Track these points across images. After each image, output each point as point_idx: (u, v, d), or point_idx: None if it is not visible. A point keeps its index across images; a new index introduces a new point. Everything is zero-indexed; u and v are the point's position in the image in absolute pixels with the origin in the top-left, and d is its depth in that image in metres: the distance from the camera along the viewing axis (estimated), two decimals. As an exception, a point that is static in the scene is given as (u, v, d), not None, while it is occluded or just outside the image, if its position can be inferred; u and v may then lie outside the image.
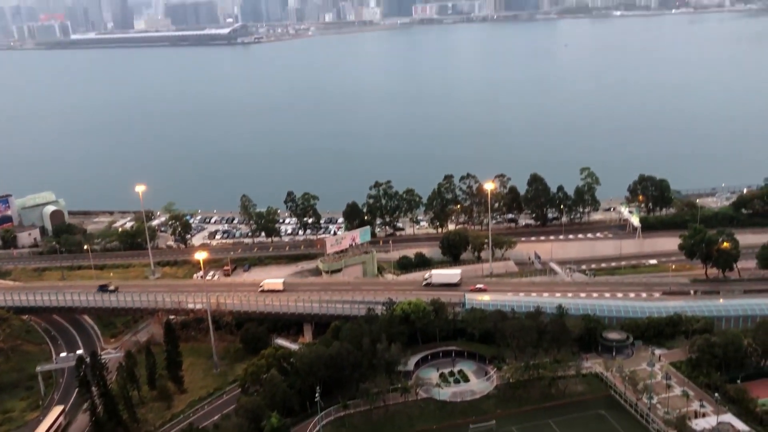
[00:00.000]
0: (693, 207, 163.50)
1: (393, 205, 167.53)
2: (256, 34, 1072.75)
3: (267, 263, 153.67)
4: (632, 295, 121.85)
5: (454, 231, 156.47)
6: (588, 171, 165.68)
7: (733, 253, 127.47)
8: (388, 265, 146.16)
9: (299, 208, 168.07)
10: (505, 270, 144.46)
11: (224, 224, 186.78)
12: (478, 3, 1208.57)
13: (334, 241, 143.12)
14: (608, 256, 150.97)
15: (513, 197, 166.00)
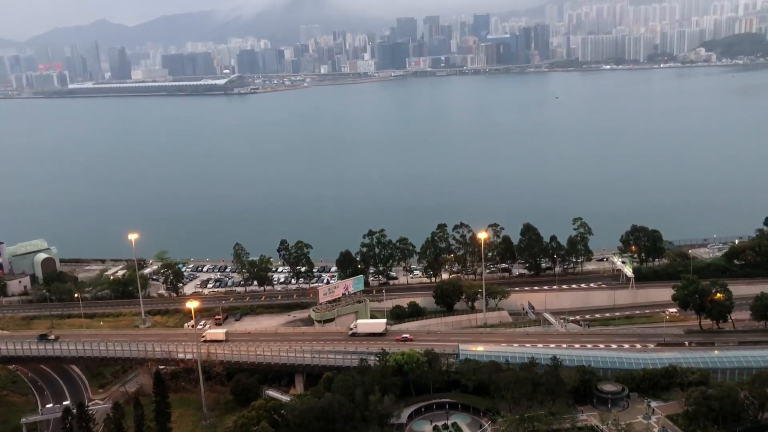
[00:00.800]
0: (685, 258, 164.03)
1: (386, 254, 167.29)
2: (252, 84, 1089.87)
3: (259, 312, 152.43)
4: (627, 346, 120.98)
5: (447, 280, 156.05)
6: (580, 221, 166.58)
7: (726, 304, 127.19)
8: (382, 315, 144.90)
9: (292, 257, 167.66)
10: (499, 320, 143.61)
11: (216, 273, 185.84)
12: (471, 57, 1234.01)
13: (326, 290, 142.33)
14: (602, 306, 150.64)
15: (506, 247, 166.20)
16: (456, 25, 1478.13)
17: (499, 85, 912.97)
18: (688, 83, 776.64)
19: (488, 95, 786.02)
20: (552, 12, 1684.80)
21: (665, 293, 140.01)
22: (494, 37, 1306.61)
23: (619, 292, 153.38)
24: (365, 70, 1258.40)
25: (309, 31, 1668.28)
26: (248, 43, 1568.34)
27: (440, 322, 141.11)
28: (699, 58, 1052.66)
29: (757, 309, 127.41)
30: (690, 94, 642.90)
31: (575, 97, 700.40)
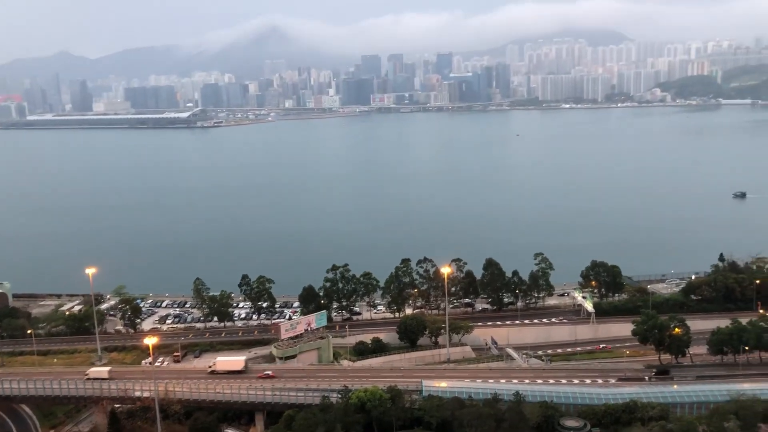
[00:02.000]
0: (644, 293, 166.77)
1: (350, 289, 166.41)
2: (216, 118, 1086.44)
3: (219, 349, 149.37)
4: (588, 382, 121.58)
5: (411, 316, 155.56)
6: (542, 256, 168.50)
7: (684, 338, 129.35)
8: (345, 351, 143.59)
9: (254, 292, 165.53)
10: (462, 356, 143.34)
11: (176, 308, 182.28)
12: (434, 94, 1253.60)
13: (288, 326, 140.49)
14: (564, 341, 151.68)
15: (469, 282, 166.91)
16: (419, 63, 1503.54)
17: (461, 122, 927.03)
18: (645, 122, 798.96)
19: (451, 132, 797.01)
20: (513, 52, 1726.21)
21: (625, 328, 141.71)
22: (457, 75, 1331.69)
23: (581, 327, 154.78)
24: (330, 105, 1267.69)
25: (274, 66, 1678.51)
26: (212, 77, 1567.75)
27: (403, 357, 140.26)
28: (655, 98, 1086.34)
29: (713, 343, 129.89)
30: (646, 134, 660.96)
31: (536, 134, 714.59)
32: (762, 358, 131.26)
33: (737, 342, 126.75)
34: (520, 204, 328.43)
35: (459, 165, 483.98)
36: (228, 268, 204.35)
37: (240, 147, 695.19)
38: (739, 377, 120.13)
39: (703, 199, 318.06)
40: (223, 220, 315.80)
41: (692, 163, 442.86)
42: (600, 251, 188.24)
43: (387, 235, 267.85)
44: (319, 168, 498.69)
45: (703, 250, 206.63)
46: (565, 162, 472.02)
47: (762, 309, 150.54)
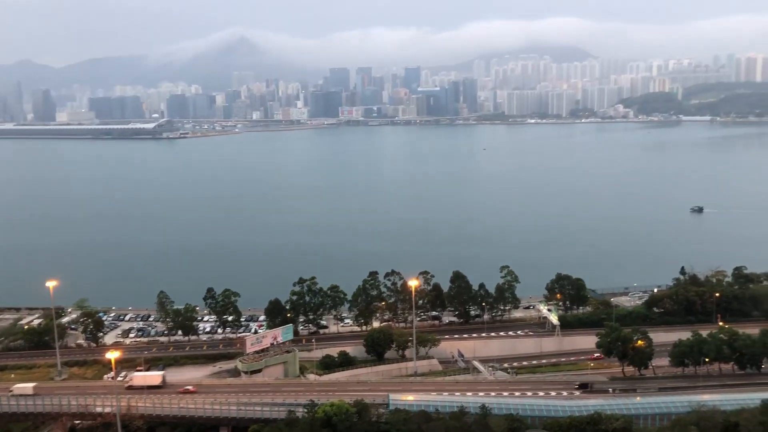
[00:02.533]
0: (608, 306, 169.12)
1: (317, 302, 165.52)
2: (182, 129, 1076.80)
3: (183, 363, 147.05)
4: (553, 394, 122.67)
5: (378, 329, 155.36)
6: (508, 269, 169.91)
7: (647, 351, 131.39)
8: (311, 365, 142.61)
9: (219, 306, 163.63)
10: (429, 368, 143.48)
11: (139, 322, 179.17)
12: (402, 107, 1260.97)
13: (254, 340, 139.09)
14: (529, 354, 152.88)
15: (437, 294, 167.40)
16: (388, 77, 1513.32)
17: (429, 136, 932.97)
18: (608, 138, 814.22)
19: (419, 145, 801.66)
20: (480, 67, 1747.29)
21: (590, 341, 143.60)
22: (424, 89, 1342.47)
23: (546, 340, 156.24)
24: (298, 117, 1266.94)
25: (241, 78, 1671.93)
26: (179, 88, 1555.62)
27: (371, 371, 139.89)
28: (617, 114, 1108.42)
29: (675, 355, 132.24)
30: (609, 149, 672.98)
31: (502, 148, 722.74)
32: (722, 370, 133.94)
33: (698, 354, 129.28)
34: (487, 217, 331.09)
35: (427, 178, 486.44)
36: (193, 281, 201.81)
37: (206, 158, 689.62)
38: (699, 388, 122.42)
39: (663, 214, 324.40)
40: (189, 233, 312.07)
41: (652, 178, 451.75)
42: (564, 264, 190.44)
43: (355, 248, 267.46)
44: (286, 180, 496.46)
45: (664, 263, 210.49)
46: (530, 176, 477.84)
47: (721, 321, 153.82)
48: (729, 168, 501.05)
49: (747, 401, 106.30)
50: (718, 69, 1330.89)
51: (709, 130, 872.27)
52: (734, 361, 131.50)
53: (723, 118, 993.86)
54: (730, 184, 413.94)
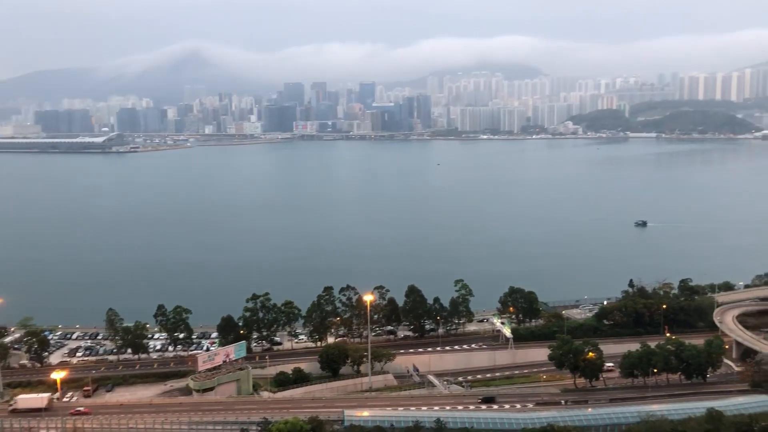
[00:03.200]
0: (560, 318, 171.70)
1: (271, 318, 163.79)
2: (133, 143, 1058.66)
3: (132, 382, 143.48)
4: (507, 407, 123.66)
5: (333, 344, 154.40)
6: (462, 282, 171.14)
7: (598, 362, 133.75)
8: (265, 382, 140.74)
9: (170, 323, 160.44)
10: (384, 383, 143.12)
11: (87, 340, 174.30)
12: (357, 122, 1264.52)
13: (206, 358, 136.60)
14: (483, 367, 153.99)
15: (392, 309, 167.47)
16: (343, 92, 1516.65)
17: (384, 151, 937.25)
18: (558, 154, 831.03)
19: (374, 160, 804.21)
20: (433, 84, 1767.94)
21: (542, 353, 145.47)
22: (379, 105, 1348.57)
23: (499, 353, 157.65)
24: (252, 131, 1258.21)
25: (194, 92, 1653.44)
26: (129, 102, 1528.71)
27: (325, 387, 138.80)
28: (567, 130, 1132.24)
29: (624, 367, 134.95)
30: (559, 164, 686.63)
31: (455, 164, 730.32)
32: (669, 380, 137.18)
33: (646, 365, 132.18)
34: (441, 231, 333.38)
35: (381, 193, 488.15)
36: (143, 297, 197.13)
37: (157, 173, 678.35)
38: (648, 399, 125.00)
39: (609, 228, 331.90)
40: (138, 248, 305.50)
41: (600, 193, 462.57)
42: (517, 278, 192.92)
43: (309, 263, 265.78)
44: (239, 195, 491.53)
45: (613, 276, 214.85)
46: (483, 191, 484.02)
47: (669, 333, 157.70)
48: (672, 183, 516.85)
49: (693, 410, 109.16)
50: (662, 87, 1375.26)
51: (655, 147, 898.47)
52: (681, 372, 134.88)
53: (668, 135, 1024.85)
54: (673, 198, 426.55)
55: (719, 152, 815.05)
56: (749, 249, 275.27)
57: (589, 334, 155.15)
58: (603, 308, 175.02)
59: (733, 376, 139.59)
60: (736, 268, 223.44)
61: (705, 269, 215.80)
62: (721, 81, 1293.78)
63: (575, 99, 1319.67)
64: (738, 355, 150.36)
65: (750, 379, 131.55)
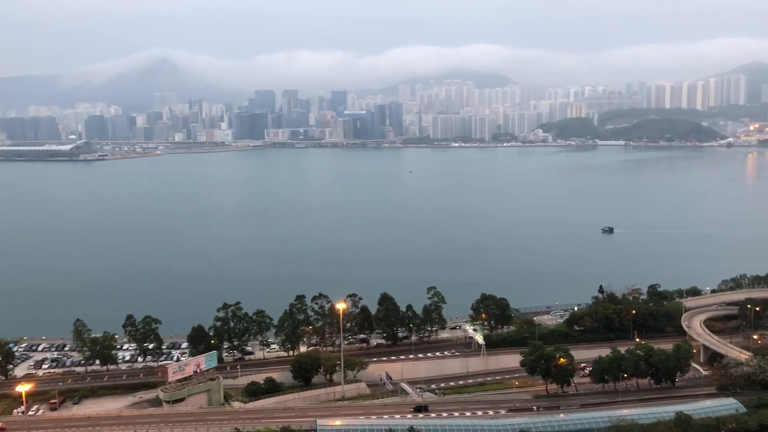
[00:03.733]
0: (531, 324, 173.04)
1: (242, 328, 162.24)
2: (101, 151, 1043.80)
3: (101, 394, 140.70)
4: (480, 413, 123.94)
5: (305, 353, 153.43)
6: (434, 290, 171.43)
7: (569, 368, 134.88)
8: (236, 393, 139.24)
9: (139, 333, 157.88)
10: (357, 392, 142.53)
11: (53, 352, 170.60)
12: (329, 130, 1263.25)
13: (176, 368, 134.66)
14: (456, 374, 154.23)
15: (364, 317, 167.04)
16: (314, 100, 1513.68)
17: (356, 159, 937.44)
18: (528, 161, 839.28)
19: (346, 168, 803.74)
20: (405, 92, 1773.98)
21: (514, 359, 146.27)
22: (351, 112, 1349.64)
23: (472, 360, 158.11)
24: (222, 139, 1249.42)
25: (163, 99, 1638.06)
26: (97, 109, 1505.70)
27: (298, 397, 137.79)
28: (537, 138, 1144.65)
29: (595, 372, 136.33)
30: (530, 172, 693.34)
31: (428, 171, 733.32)
32: (639, 385, 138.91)
33: (617, 370, 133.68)
34: (413, 239, 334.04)
35: (353, 201, 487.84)
36: (111, 308, 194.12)
37: (126, 181, 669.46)
38: (619, 404, 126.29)
39: (577, 234, 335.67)
40: (107, 258, 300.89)
41: (569, 200, 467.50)
42: (489, 284, 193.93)
43: (281, 271, 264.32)
44: (210, 203, 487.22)
45: (582, 282, 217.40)
46: (455, 198, 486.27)
47: (638, 338, 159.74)
48: (639, 190, 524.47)
49: (663, 414, 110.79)
50: (630, 96, 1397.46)
51: (623, 154, 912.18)
52: (650, 376, 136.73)
53: (636, 143, 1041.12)
54: (640, 205, 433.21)
55: (685, 160, 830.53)
56: (715, 254, 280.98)
57: (560, 340, 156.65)
58: (573, 314, 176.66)
59: (700, 379, 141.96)
60: (703, 273, 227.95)
61: (672, 275, 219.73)
62: (686, 90, 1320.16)
63: (545, 107, 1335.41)
64: (705, 359, 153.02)
65: (717, 382, 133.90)
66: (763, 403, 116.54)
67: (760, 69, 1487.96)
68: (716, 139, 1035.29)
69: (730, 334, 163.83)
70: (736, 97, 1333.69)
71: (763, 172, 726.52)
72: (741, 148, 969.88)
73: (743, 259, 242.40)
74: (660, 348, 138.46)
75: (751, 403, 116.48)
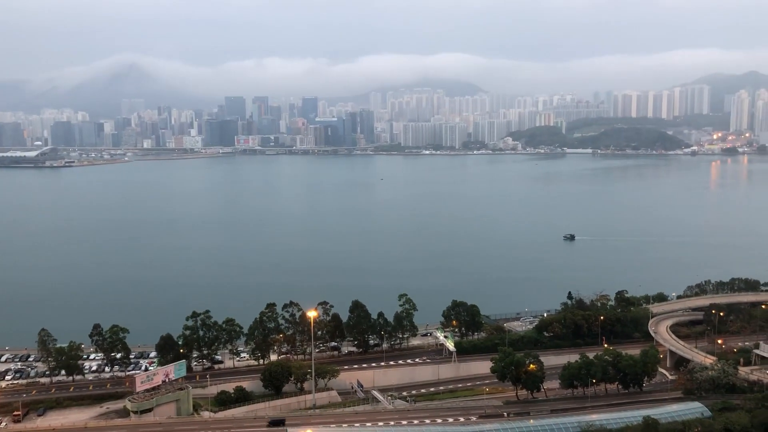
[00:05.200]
0: (501, 331, 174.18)
1: (212, 337, 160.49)
2: (68, 158, 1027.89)
3: (66, 405, 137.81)
4: (451, 420, 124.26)
5: (276, 362, 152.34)
6: (406, 297, 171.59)
7: (539, 374, 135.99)
8: (205, 402, 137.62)
9: (106, 343, 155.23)
10: (328, 400, 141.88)
11: (17, 363, 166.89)
12: (300, 137, 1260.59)
13: (145, 378, 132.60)
14: (427, 381, 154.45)
15: (336, 325, 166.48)
16: (285, 107, 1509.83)
17: (328, 166, 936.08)
18: (498, 169, 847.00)
19: (317, 175, 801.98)
20: (376, 99, 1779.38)
21: (485, 365, 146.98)
22: (322, 120, 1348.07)
23: (443, 367, 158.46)
24: (192, 146, 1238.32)
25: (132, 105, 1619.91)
26: (64, 115, 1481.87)
27: (268, 406, 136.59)
28: (507, 146, 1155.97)
29: (564, 378, 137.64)
30: (500, 180, 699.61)
31: (399, 179, 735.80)
32: (607, 390, 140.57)
33: (586, 376, 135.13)
34: (385, 246, 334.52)
35: (325, 208, 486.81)
36: (78, 317, 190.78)
37: (93, 188, 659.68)
38: (588, 409, 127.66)
39: (541, 241, 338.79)
40: (73, 266, 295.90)
41: (536, 207, 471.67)
42: (459, 291, 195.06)
43: (251, 279, 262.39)
44: (178, 210, 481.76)
45: (552, 289, 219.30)
46: (425, 205, 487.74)
47: (606, 343, 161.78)
48: (605, 197, 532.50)
49: (631, 419, 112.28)
50: (597, 105, 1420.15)
51: (590, 162, 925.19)
52: (618, 381, 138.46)
53: (603, 151, 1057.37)
54: (603, 213, 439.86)
55: (651, 167, 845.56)
56: (681, 261, 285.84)
57: (530, 346, 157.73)
58: (543, 320, 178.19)
59: (667, 384, 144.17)
60: (669, 279, 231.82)
61: (639, 281, 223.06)
62: (652, 99, 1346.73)
63: (514, 116, 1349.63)
64: (672, 364, 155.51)
65: (683, 386, 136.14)
66: (726, 407, 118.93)
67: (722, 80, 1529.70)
68: (681, 147, 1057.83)
69: (695, 339, 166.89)
70: (700, 107, 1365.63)
71: (726, 180, 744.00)
72: (705, 156, 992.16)
73: (708, 266, 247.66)
74: (628, 353, 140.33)
75: (716, 407, 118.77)
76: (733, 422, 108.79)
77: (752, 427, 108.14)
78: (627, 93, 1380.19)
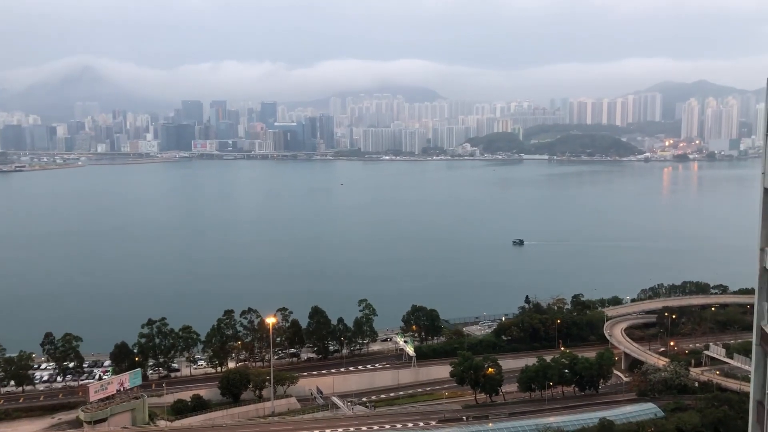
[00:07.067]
0: (460, 335, 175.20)
1: (168, 344, 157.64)
2: (18, 162, 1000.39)
3: (16, 417, 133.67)
4: (410, 425, 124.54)
5: (234, 369, 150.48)
6: (366, 302, 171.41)
7: (497, 378, 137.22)
8: (162, 411, 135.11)
9: (59, 351, 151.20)
10: (287, 407, 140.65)
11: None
12: (259, 142, 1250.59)
13: (98, 387, 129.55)
14: (387, 386, 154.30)
15: (295, 331, 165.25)
16: (243, 111, 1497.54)
17: (287, 171, 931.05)
18: (456, 174, 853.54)
19: (277, 180, 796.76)
20: (336, 104, 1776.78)
21: (444, 370, 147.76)
22: (281, 124, 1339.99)
23: (403, 371, 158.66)
24: (147, 150, 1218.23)
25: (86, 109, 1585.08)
26: (14, 118, 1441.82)
27: (226, 414, 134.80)
28: (465, 152, 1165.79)
29: (522, 381, 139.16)
30: (458, 185, 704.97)
31: (359, 184, 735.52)
32: (564, 393, 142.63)
33: (543, 378, 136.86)
34: (345, 251, 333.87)
35: (283, 213, 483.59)
36: (28, 325, 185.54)
37: (44, 193, 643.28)
38: (545, 411, 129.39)
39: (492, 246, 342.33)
40: (22, 273, 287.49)
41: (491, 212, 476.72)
42: (419, 296, 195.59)
43: (208, 287, 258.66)
44: (132, 216, 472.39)
45: (510, 293, 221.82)
46: (384, 211, 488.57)
47: (563, 346, 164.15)
48: (558, 202, 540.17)
49: (587, 421, 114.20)
50: (554, 111, 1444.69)
51: (547, 168, 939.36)
52: (575, 384, 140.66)
53: (559, 157, 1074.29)
54: (555, 217, 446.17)
55: (605, 173, 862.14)
56: (635, 265, 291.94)
57: (489, 350, 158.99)
58: (501, 324, 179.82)
59: (622, 386, 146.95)
60: (623, 282, 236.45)
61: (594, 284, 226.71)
62: (606, 106, 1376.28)
63: (473, 122, 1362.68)
64: (626, 366, 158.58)
65: (637, 388, 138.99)
66: (679, 407, 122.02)
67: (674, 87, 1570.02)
68: (635, 154, 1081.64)
69: (649, 341, 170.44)
70: (653, 114, 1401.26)
71: (678, 185, 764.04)
72: (657, 163, 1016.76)
73: (660, 270, 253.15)
74: (584, 356, 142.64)
75: (668, 407, 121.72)
76: (685, 422, 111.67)
77: (703, 426, 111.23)
78: (582, 100, 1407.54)
